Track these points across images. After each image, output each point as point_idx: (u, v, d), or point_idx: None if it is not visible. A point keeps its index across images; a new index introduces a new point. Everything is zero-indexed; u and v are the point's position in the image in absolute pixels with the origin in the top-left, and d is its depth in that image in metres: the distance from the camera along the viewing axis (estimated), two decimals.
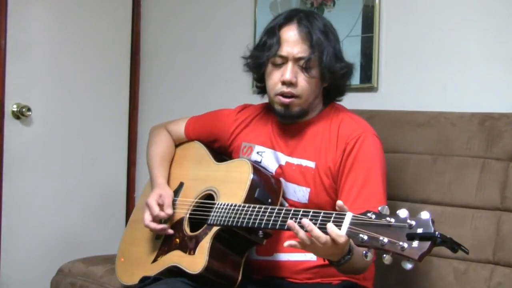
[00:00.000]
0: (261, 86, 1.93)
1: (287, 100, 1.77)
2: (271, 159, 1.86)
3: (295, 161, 1.82)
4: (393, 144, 2.15)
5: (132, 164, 3.21)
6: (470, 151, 2.03)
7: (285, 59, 1.77)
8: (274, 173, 1.85)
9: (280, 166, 1.85)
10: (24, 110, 2.75)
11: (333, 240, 1.42)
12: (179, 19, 3.11)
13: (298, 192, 1.80)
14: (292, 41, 1.76)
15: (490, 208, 1.95)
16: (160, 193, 1.92)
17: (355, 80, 2.47)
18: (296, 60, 1.76)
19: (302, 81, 1.76)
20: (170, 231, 1.86)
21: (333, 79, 1.81)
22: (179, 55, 3.11)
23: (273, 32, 1.80)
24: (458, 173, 2.01)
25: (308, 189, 1.79)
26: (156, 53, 3.19)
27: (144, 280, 1.81)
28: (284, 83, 1.76)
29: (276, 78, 1.79)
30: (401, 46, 2.39)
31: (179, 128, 2.12)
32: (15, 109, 2.75)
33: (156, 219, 1.88)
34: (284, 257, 1.79)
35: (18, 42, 2.74)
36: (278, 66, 1.78)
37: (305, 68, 1.75)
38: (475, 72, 2.22)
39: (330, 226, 1.42)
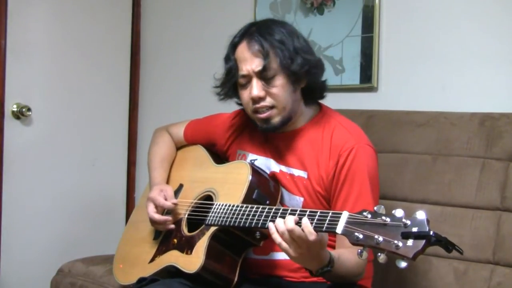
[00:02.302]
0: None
1: (264, 115, 1.77)
2: (262, 166, 1.86)
3: (288, 170, 1.83)
4: (393, 144, 2.15)
5: (132, 164, 3.22)
6: (470, 151, 2.03)
7: (248, 77, 1.77)
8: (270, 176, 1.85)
9: (273, 173, 1.85)
10: (24, 110, 2.75)
11: (306, 236, 1.44)
12: (179, 19, 3.11)
13: (292, 200, 1.80)
14: (247, 57, 1.76)
15: (490, 208, 1.95)
16: (161, 188, 1.94)
17: (355, 80, 2.48)
18: (257, 74, 1.75)
19: (271, 91, 1.75)
20: (172, 226, 1.87)
21: (300, 78, 1.78)
22: (179, 55, 3.11)
23: (228, 57, 1.82)
24: (458, 173, 2.01)
25: (302, 199, 1.79)
26: (156, 53, 3.19)
27: (141, 281, 1.80)
28: (253, 100, 1.76)
29: (246, 98, 1.79)
30: (401, 46, 2.39)
31: (179, 131, 2.13)
32: (15, 109, 2.75)
33: (159, 211, 1.89)
34: (281, 255, 1.78)
35: (18, 42, 2.74)
36: (245, 86, 1.79)
37: (268, 79, 1.74)
38: (475, 72, 2.22)
39: (305, 221, 1.45)
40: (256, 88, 1.74)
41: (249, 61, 1.75)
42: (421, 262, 1.98)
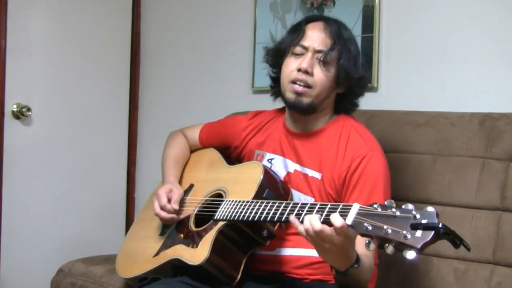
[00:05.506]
0: (274, 78, 1.95)
1: (300, 88, 1.80)
2: (280, 166, 1.89)
3: (302, 170, 1.85)
4: (393, 144, 2.15)
5: (132, 164, 3.22)
6: (470, 151, 2.03)
7: (305, 50, 1.81)
8: (282, 179, 1.87)
9: (288, 174, 1.87)
10: (24, 110, 2.75)
11: (336, 231, 1.43)
12: (179, 19, 3.11)
13: (303, 201, 1.80)
14: (316, 34, 1.82)
15: (490, 208, 1.95)
16: (170, 187, 1.96)
17: None
18: (316, 52, 1.80)
19: (318, 73, 1.80)
20: (179, 219, 1.89)
21: (347, 82, 1.84)
22: (179, 55, 3.11)
23: (299, 26, 1.87)
24: (458, 173, 2.01)
25: (313, 199, 1.81)
26: (156, 53, 3.19)
27: (142, 280, 1.81)
28: (300, 70, 1.80)
29: (293, 66, 1.83)
30: (401, 46, 2.40)
31: (194, 134, 2.15)
32: (15, 109, 2.75)
33: (164, 210, 1.90)
34: (287, 251, 1.80)
35: (18, 42, 2.74)
36: (297, 55, 1.83)
37: (323, 62, 1.80)
38: (475, 72, 2.22)
39: (334, 216, 1.43)
40: (308, 61, 1.79)
41: (315, 38, 1.81)
42: (421, 262, 1.99)
